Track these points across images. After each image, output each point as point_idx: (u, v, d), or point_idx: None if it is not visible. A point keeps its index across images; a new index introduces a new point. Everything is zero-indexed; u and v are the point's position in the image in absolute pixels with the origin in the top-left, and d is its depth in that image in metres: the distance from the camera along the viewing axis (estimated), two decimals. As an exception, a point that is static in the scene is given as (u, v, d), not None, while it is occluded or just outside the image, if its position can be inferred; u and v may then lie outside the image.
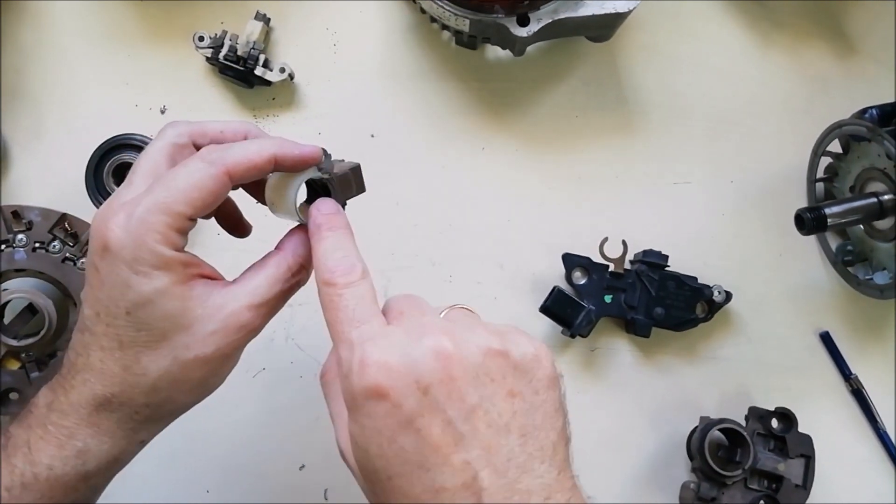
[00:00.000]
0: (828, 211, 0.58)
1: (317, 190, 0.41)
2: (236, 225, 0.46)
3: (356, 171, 0.42)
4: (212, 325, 0.37)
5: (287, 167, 0.39)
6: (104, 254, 0.36)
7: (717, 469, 0.58)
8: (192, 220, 0.37)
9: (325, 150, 0.41)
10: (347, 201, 0.42)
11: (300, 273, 0.40)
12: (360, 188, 0.42)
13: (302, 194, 0.41)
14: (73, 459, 0.37)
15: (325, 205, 0.40)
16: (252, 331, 0.38)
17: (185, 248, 0.38)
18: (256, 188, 0.43)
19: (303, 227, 0.40)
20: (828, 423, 0.63)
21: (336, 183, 0.41)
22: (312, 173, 0.40)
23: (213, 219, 0.45)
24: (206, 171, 0.37)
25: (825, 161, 0.64)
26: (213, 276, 0.39)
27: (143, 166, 0.38)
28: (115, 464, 0.39)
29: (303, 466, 0.61)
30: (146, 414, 0.38)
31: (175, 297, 0.36)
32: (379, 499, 0.33)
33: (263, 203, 0.42)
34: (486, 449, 0.31)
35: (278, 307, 0.39)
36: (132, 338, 0.37)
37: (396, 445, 0.31)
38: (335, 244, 0.38)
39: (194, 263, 0.38)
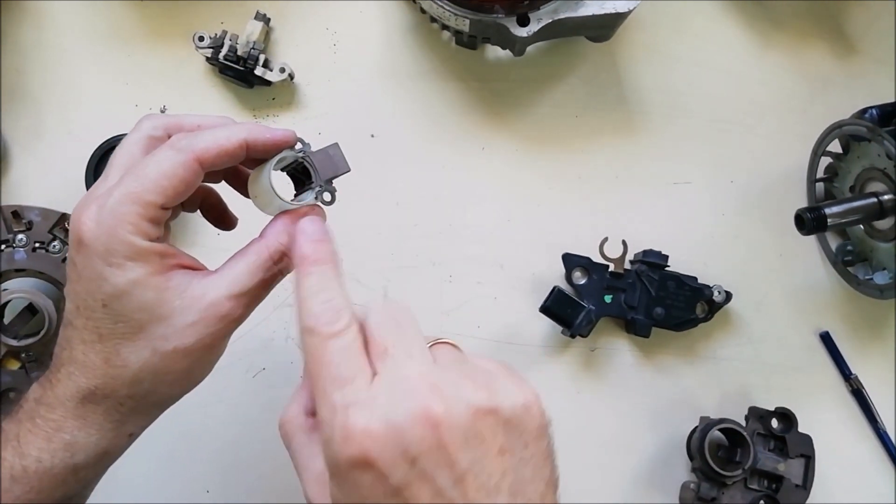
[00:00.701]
0: (828, 211, 0.58)
1: (301, 179, 0.40)
2: (221, 217, 0.46)
3: (334, 147, 0.40)
4: (191, 316, 0.36)
5: (259, 152, 0.39)
6: (79, 247, 0.36)
7: (717, 469, 0.58)
8: (165, 209, 0.37)
9: (301, 139, 0.40)
10: (334, 181, 0.40)
11: (282, 261, 0.38)
12: (344, 166, 0.40)
13: (287, 188, 0.40)
14: (62, 452, 0.37)
15: (311, 226, 0.37)
16: (234, 321, 0.38)
17: (174, 243, 0.38)
18: (239, 182, 0.42)
19: (287, 214, 0.39)
20: (828, 423, 0.63)
21: (314, 160, 0.39)
22: (286, 154, 0.39)
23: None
24: (175, 159, 0.36)
25: (825, 161, 0.64)
26: (192, 267, 0.38)
27: (119, 159, 0.38)
28: (105, 457, 0.38)
29: (303, 466, 0.61)
30: (131, 405, 0.38)
31: (150, 288, 0.36)
32: None
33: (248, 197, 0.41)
34: None
35: (261, 296, 0.39)
36: (110, 330, 0.36)
37: None
38: (320, 283, 0.35)
39: (171, 254, 0.37)
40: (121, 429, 0.38)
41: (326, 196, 0.40)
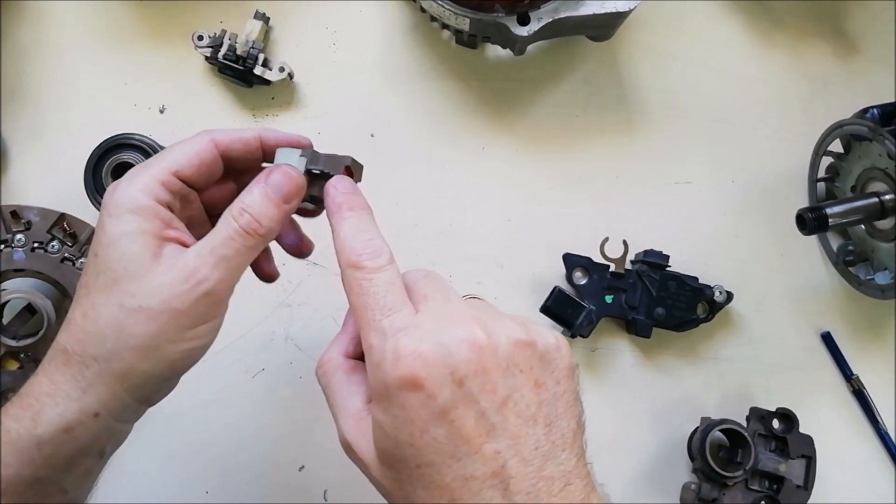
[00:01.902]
0: (829, 211, 0.58)
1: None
2: (298, 246, 0.46)
3: (355, 164, 0.41)
4: (160, 277, 0.36)
5: (272, 144, 0.41)
6: (101, 210, 0.38)
7: (718, 470, 0.57)
8: (180, 178, 0.39)
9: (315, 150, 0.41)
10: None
11: (254, 224, 0.38)
12: (359, 180, 0.42)
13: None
14: (28, 421, 0.36)
15: (342, 183, 0.39)
16: (199, 282, 0.36)
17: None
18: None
19: (259, 179, 0.40)
20: (829, 423, 0.62)
21: (321, 159, 0.41)
22: (300, 158, 0.40)
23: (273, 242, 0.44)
24: (192, 138, 0.40)
25: (826, 161, 0.64)
26: (188, 244, 0.39)
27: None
28: (67, 434, 0.37)
29: (302, 467, 0.60)
30: (95, 370, 0.37)
31: (137, 243, 0.36)
32: (401, 487, 0.33)
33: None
34: (514, 439, 0.32)
35: (235, 262, 0.38)
36: (92, 282, 0.37)
37: (429, 435, 0.31)
38: (359, 225, 0.37)
39: (173, 225, 0.38)
40: (83, 400, 0.37)
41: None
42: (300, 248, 0.45)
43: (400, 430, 0.32)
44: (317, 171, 0.40)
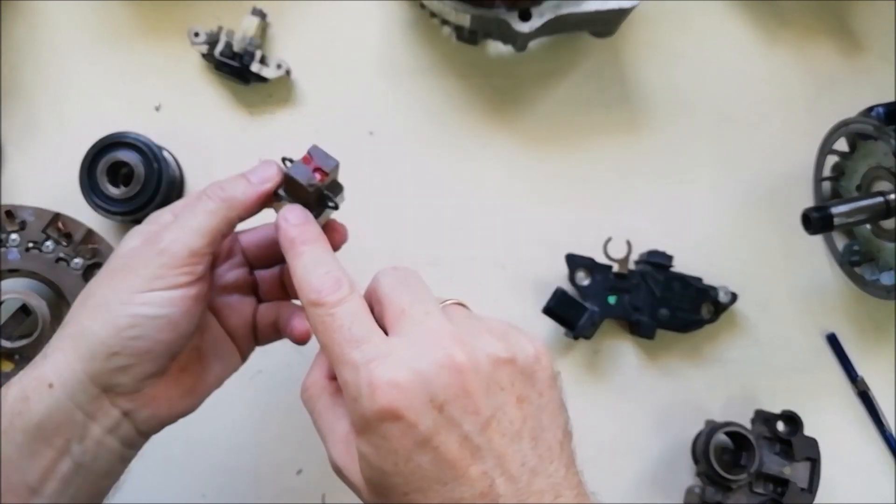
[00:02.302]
0: (834, 210, 0.57)
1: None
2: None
3: (314, 151, 0.40)
4: (128, 242, 0.39)
5: (257, 207, 0.40)
6: None
7: (722, 473, 0.57)
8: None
9: (285, 166, 0.40)
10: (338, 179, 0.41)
11: (217, 188, 0.39)
12: (332, 161, 0.41)
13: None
14: (19, 404, 0.36)
15: (292, 213, 0.38)
16: (153, 239, 0.38)
17: None
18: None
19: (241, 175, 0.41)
20: (834, 425, 0.62)
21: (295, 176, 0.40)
22: (283, 196, 0.40)
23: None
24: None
25: (831, 160, 0.64)
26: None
27: None
28: (23, 404, 0.36)
29: (300, 471, 0.60)
30: (57, 336, 0.38)
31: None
32: None
33: None
34: (500, 457, 0.32)
35: (192, 223, 0.38)
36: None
37: (413, 464, 0.31)
38: (315, 259, 0.36)
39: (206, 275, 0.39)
40: (41, 367, 0.37)
41: (330, 205, 0.40)
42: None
43: (384, 461, 0.32)
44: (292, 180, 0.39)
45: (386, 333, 0.34)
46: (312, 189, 0.39)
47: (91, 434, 0.37)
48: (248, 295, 0.44)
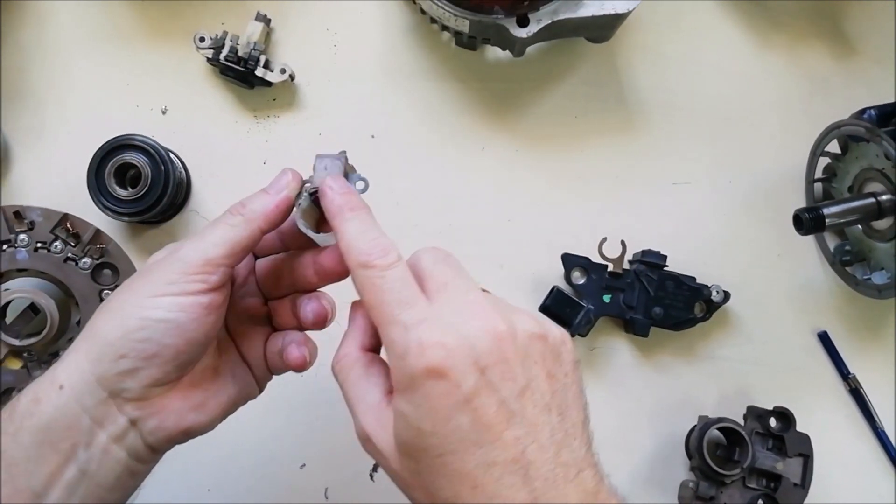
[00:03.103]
0: (826, 211, 0.58)
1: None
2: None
3: (323, 159, 0.42)
4: (156, 255, 0.41)
5: (279, 221, 0.41)
6: None
7: (716, 468, 0.58)
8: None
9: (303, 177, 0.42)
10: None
11: (239, 206, 0.40)
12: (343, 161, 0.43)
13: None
14: (31, 405, 0.37)
15: (336, 182, 0.40)
16: (175, 249, 0.39)
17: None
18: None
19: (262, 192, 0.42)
20: (826, 422, 0.63)
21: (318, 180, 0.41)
22: (302, 196, 0.41)
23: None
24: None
25: (824, 161, 0.65)
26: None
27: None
28: (35, 405, 0.37)
29: (303, 465, 0.61)
30: (75, 339, 0.39)
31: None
32: (420, 478, 0.34)
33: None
34: (532, 426, 0.33)
35: (212, 237, 0.39)
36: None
37: (452, 423, 0.32)
38: (363, 226, 0.38)
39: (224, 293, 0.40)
40: (55, 370, 0.38)
41: (360, 185, 0.42)
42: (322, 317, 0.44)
43: (423, 420, 0.33)
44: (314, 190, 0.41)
45: None
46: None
47: (97, 441, 0.37)
48: (262, 325, 0.45)
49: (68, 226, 0.59)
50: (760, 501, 0.59)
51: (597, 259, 0.61)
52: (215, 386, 0.42)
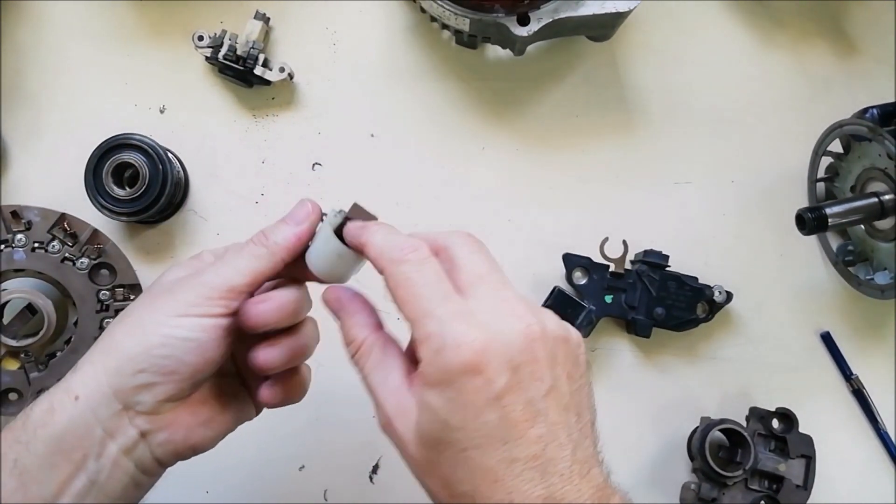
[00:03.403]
0: (829, 211, 0.58)
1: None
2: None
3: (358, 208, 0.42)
4: (175, 272, 0.43)
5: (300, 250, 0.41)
6: None
7: (718, 469, 0.57)
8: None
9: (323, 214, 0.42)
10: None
11: (261, 236, 0.41)
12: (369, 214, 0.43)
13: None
14: (45, 415, 0.38)
15: (354, 222, 0.41)
16: (199, 271, 0.41)
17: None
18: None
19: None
20: (828, 423, 0.63)
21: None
22: (326, 221, 0.41)
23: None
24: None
25: (826, 161, 0.64)
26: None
27: None
28: (49, 415, 0.38)
29: (302, 467, 0.61)
30: (92, 350, 0.40)
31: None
32: (439, 468, 0.35)
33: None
34: (554, 425, 0.34)
35: (235, 263, 0.40)
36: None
37: (481, 420, 0.33)
38: (390, 231, 0.39)
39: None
40: (70, 380, 0.39)
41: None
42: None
43: (453, 414, 0.33)
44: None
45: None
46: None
47: (108, 452, 0.38)
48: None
49: (66, 226, 0.59)
50: (762, 503, 0.58)
51: (598, 259, 0.61)
52: (219, 405, 0.43)
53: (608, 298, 0.61)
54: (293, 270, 0.42)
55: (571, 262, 0.61)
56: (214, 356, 0.40)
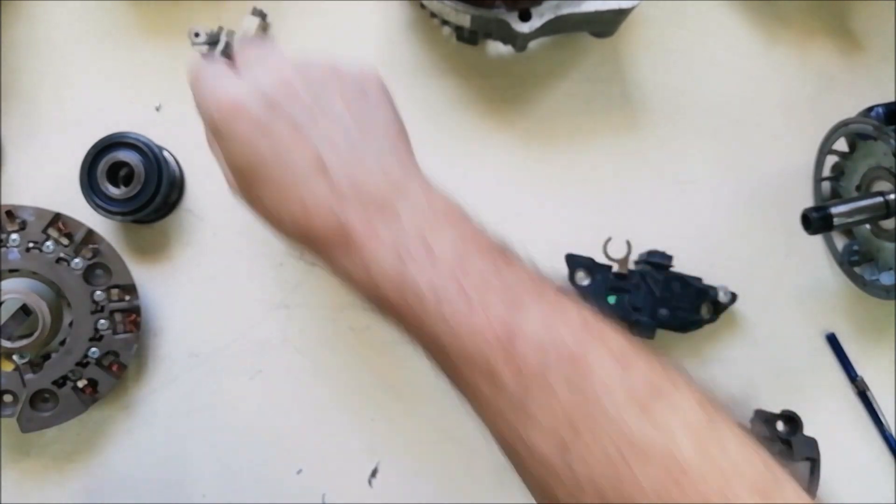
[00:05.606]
0: (834, 210, 0.57)
1: None
2: None
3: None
4: None
5: None
6: None
7: (722, 473, 0.57)
8: None
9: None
10: None
11: None
12: None
13: None
14: None
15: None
16: None
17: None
18: None
19: None
20: (834, 425, 0.62)
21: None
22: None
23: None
24: None
25: (831, 160, 0.64)
26: None
27: None
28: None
29: (300, 471, 0.60)
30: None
31: None
32: (259, 193, 0.39)
33: None
34: (326, 136, 0.38)
35: None
36: None
37: (259, 150, 0.38)
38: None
39: None
40: None
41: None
42: None
43: (238, 157, 0.39)
44: None
45: None
46: None
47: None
48: None
49: (60, 225, 0.58)
50: (767, 506, 0.58)
51: (601, 260, 0.60)
52: None
53: (611, 299, 0.60)
54: None
55: (574, 262, 0.60)
56: None
